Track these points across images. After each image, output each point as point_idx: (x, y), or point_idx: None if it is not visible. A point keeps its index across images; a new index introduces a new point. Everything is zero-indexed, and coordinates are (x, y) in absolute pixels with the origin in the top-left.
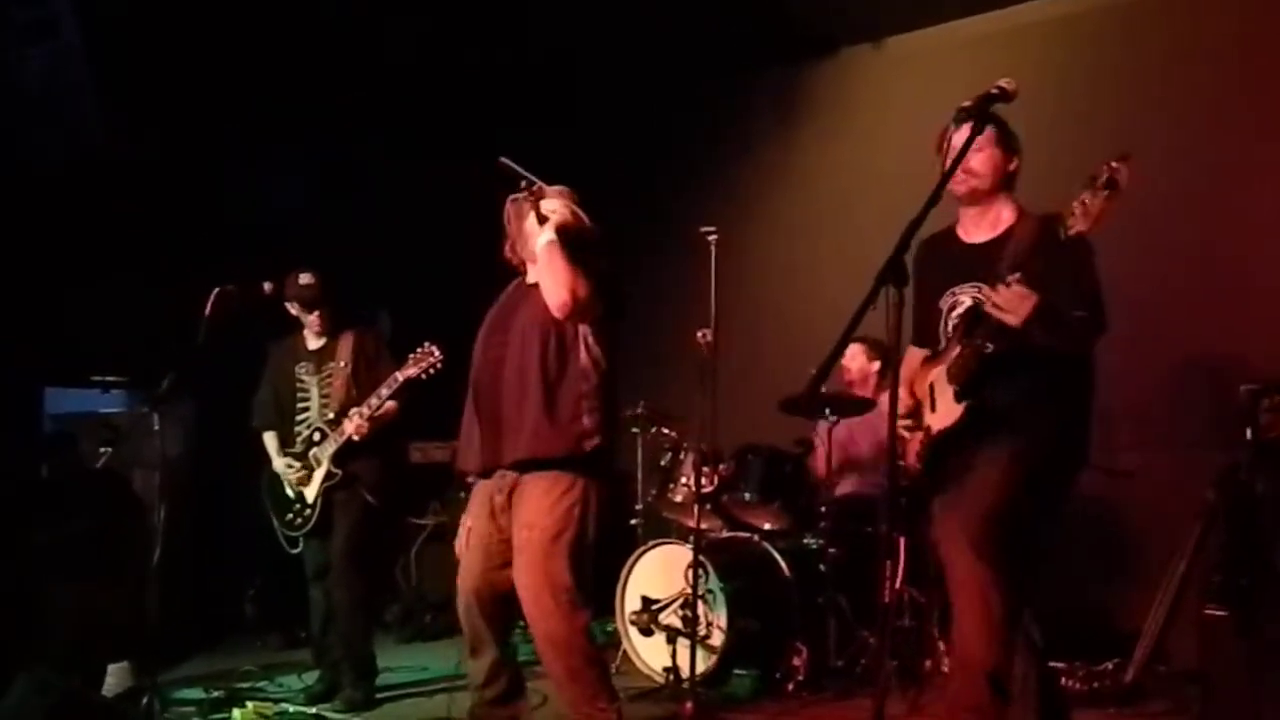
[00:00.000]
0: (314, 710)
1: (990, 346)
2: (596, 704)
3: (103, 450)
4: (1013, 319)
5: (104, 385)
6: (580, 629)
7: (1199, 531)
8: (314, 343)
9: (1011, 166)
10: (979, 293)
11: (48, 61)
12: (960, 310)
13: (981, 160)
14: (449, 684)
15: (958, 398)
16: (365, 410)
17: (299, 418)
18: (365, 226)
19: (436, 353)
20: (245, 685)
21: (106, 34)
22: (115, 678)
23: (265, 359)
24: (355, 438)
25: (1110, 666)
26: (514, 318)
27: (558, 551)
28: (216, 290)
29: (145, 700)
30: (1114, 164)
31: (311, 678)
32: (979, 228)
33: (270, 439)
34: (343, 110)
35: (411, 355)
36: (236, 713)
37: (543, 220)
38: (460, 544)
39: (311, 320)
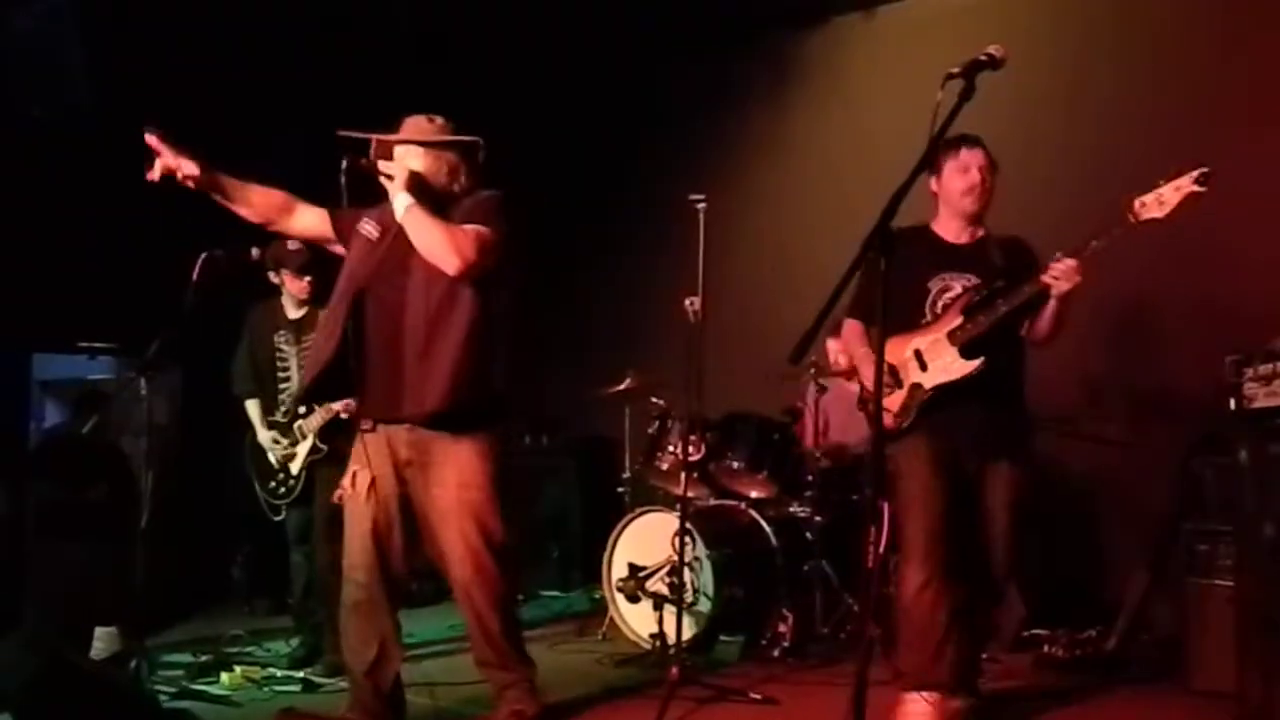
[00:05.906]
0: (301, 674)
1: (1004, 308)
2: (521, 665)
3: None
4: (1064, 285)
5: (92, 351)
6: (514, 585)
7: (1182, 501)
8: (294, 311)
9: None
10: (1051, 275)
11: (35, 10)
12: (953, 293)
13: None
14: (435, 647)
15: (966, 355)
16: None
17: (281, 387)
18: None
19: None
20: (233, 650)
21: None
22: (103, 642)
23: (243, 324)
24: (344, 415)
25: (1093, 634)
26: (412, 258)
27: (497, 511)
28: (204, 255)
29: (133, 664)
30: (1206, 169)
31: (297, 643)
32: (961, 233)
33: (253, 407)
34: (335, 72)
35: None
36: (224, 677)
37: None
38: (346, 488)
39: (299, 287)
